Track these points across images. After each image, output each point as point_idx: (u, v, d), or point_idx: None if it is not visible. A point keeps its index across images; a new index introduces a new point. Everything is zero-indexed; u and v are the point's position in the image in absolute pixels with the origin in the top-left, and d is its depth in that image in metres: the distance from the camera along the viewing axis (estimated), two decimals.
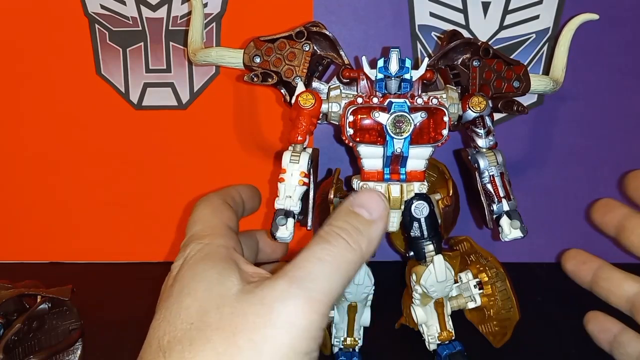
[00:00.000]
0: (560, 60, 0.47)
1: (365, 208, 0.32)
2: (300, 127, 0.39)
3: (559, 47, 0.47)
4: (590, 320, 0.43)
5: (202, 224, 0.35)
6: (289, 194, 0.39)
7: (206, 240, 0.33)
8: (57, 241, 0.58)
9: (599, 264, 0.42)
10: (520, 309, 0.43)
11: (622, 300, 0.40)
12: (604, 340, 0.42)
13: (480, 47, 0.43)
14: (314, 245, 0.30)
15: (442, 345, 0.42)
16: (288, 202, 0.38)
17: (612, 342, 0.41)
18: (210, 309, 0.29)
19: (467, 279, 0.46)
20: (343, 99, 0.40)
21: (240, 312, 0.28)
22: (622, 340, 0.41)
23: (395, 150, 0.38)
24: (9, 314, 0.41)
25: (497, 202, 0.41)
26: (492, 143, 0.42)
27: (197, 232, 0.34)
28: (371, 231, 0.31)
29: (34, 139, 0.56)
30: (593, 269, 0.42)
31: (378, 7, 0.52)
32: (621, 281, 0.40)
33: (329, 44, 0.43)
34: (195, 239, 0.34)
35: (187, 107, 0.55)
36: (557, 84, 0.47)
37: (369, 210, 0.32)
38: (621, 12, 0.53)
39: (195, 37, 0.45)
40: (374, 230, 0.32)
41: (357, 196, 0.33)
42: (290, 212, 0.38)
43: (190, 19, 0.45)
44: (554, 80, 0.46)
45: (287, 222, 0.38)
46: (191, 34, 0.45)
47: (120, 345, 0.46)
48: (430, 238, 0.41)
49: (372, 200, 0.32)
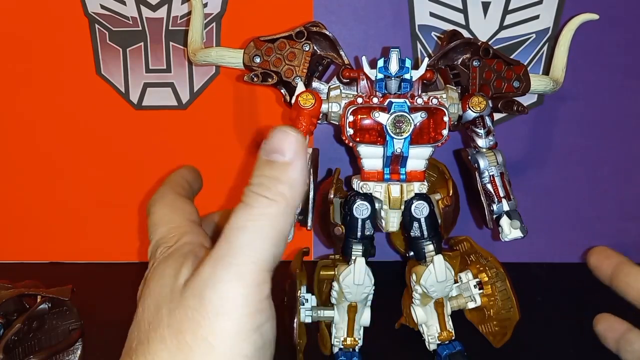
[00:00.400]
0: (560, 60, 0.47)
1: (278, 152, 0.29)
2: (300, 127, 0.39)
3: (559, 47, 0.47)
4: (599, 321, 0.44)
5: (165, 225, 0.33)
6: None
7: (171, 242, 0.32)
8: (57, 241, 0.58)
9: (620, 259, 0.42)
10: (520, 309, 0.43)
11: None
12: (612, 339, 0.42)
13: (480, 47, 0.43)
14: (235, 213, 0.28)
15: (442, 345, 0.42)
16: None
17: (619, 339, 0.41)
18: (162, 305, 0.28)
19: (467, 279, 0.46)
20: (343, 99, 0.40)
21: (182, 307, 0.27)
22: (629, 338, 0.41)
23: (395, 150, 0.38)
24: (9, 314, 0.41)
25: (497, 202, 0.41)
26: (492, 143, 0.42)
27: (163, 236, 0.32)
28: (289, 174, 0.28)
29: (34, 139, 0.56)
30: (614, 264, 0.42)
31: (378, 7, 0.52)
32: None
33: (329, 44, 0.43)
34: (162, 243, 0.32)
35: (187, 107, 0.55)
36: (557, 84, 0.47)
37: (282, 153, 0.29)
38: (621, 12, 0.53)
39: (195, 37, 0.45)
40: (292, 171, 0.28)
41: (268, 142, 0.29)
42: None
43: (190, 19, 0.45)
44: (554, 80, 0.46)
45: None
46: (191, 34, 0.45)
47: (120, 345, 0.45)
48: (430, 238, 0.41)
49: (284, 141, 0.29)
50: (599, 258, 0.43)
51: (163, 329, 0.27)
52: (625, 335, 0.41)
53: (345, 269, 0.41)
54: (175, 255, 0.30)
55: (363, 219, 0.41)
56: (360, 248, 0.41)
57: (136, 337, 0.29)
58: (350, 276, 0.40)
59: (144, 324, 0.28)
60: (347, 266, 0.41)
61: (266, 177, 0.29)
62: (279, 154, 0.29)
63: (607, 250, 0.44)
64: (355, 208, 0.40)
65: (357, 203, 0.40)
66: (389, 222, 0.41)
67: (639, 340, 0.40)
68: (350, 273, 0.40)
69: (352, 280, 0.40)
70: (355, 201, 0.41)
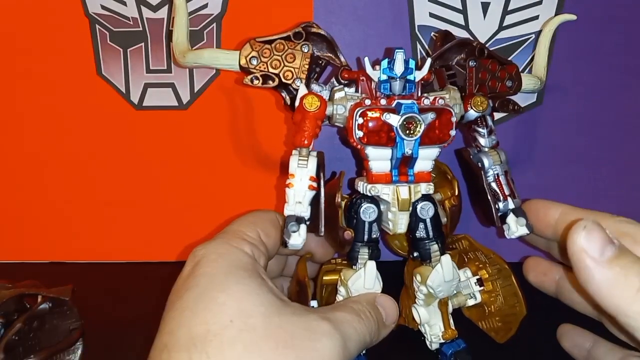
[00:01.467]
0: (542, 58, 0.48)
1: (385, 311, 0.37)
2: (305, 130, 0.38)
3: (540, 46, 0.49)
4: (562, 336, 0.43)
5: (247, 226, 0.36)
6: (298, 199, 0.38)
7: (235, 242, 0.34)
8: (57, 241, 0.58)
9: (560, 273, 0.42)
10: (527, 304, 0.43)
11: (588, 309, 0.40)
12: (579, 356, 0.41)
13: (475, 47, 0.43)
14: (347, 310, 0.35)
15: (446, 344, 0.42)
16: (298, 208, 0.38)
17: (586, 357, 0.41)
18: (253, 314, 0.29)
19: (465, 277, 0.46)
20: (348, 101, 0.39)
21: (289, 329, 0.30)
22: (595, 355, 0.40)
23: (405, 152, 0.38)
24: (10, 314, 0.41)
25: (502, 200, 0.41)
26: (494, 142, 0.42)
27: (233, 231, 0.36)
28: (382, 332, 0.37)
29: (34, 139, 0.56)
30: (555, 280, 0.42)
31: (378, 7, 0.53)
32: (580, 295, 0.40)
33: (326, 45, 0.42)
34: (227, 236, 0.35)
35: (188, 108, 0.55)
36: (541, 82, 0.48)
37: (386, 314, 0.37)
38: (621, 12, 0.53)
39: (180, 37, 0.43)
40: (384, 332, 0.37)
41: (381, 298, 0.38)
42: (302, 219, 0.37)
43: (174, 18, 0.43)
44: (538, 78, 0.48)
45: (300, 229, 0.37)
46: (175, 35, 0.42)
47: (121, 344, 0.46)
48: (435, 238, 0.41)
49: (393, 309, 0.38)
50: (537, 275, 0.43)
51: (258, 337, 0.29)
52: (592, 352, 0.40)
53: (353, 274, 0.40)
54: (247, 266, 0.34)
55: (370, 222, 0.40)
56: (367, 251, 0.40)
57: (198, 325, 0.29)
58: (360, 280, 0.39)
59: (215, 316, 0.30)
60: (353, 271, 0.40)
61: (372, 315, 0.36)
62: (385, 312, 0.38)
63: (542, 263, 0.44)
64: (363, 211, 0.40)
65: (364, 206, 0.40)
66: (397, 224, 0.41)
67: (607, 356, 0.39)
68: (361, 277, 0.39)
69: (363, 285, 0.39)
70: (362, 204, 0.40)
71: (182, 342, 0.28)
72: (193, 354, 0.27)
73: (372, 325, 0.35)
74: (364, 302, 0.36)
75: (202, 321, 0.29)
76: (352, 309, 0.35)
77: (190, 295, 0.30)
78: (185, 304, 0.30)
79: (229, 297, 0.30)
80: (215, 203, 0.57)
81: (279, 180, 0.55)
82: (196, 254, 0.33)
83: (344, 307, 0.35)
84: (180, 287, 0.32)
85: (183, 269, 0.33)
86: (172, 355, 0.28)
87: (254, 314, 0.29)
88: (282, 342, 0.29)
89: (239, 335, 0.28)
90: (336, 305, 0.37)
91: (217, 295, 0.30)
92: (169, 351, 0.28)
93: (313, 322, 0.31)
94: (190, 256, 0.34)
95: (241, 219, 0.38)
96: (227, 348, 0.27)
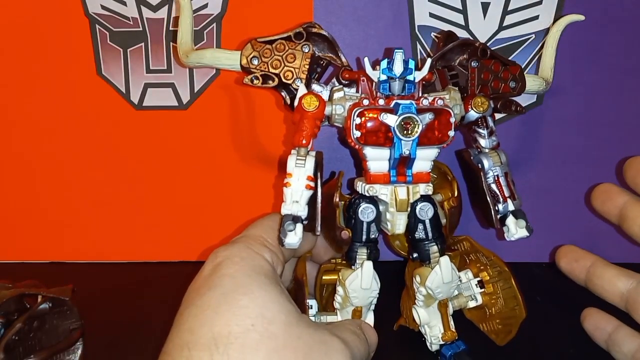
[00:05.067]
0: (549, 60, 0.48)
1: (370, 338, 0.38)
2: (304, 130, 0.38)
3: (547, 47, 0.48)
4: (586, 318, 0.43)
5: (267, 232, 0.37)
6: (295, 198, 0.38)
7: (256, 248, 0.35)
8: (57, 241, 0.58)
9: (592, 260, 0.42)
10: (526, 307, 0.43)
11: (616, 297, 0.40)
12: (600, 339, 0.42)
13: (477, 47, 0.43)
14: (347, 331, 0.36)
15: (446, 345, 0.42)
16: (295, 207, 0.38)
17: (607, 340, 0.41)
18: (275, 321, 0.30)
19: (467, 278, 0.46)
20: (347, 101, 0.39)
21: (307, 341, 0.30)
22: (616, 339, 0.40)
23: (403, 152, 0.38)
24: (10, 314, 0.41)
25: (502, 202, 0.41)
26: (495, 143, 0.42)
27: (254, 236, 0.36)
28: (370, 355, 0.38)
29: (34, 139, 0.56)
30: (586, 267, 0.42)
31: (378, 7, 0.53)
32: (614, 278, 0.40)
33: (327, 45, 0.42)
34: (249, 241, 0.35)
35: (188, 108, 0.55)
36: (548, 84, 0.47)
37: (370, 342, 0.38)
38: (621, 12, 0.53)
39: (184, 38, 0.43)
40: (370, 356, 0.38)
41: (364, 325, 0.40)
42: (298, 218, 0.37)
43: (179, 19, 0.43)
44: (544, 79, 0.47)
45: (296, 228, 0.37)
46: (180, 35, 0.43)
47: (121, 344, 0.46)
48: (434, 239, 0.41)
49: (374, 337, 0.40)
50: (569, 261, 0.43)
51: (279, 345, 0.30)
52: (613, 336, 0.40)
53: (351, 274, 0.40)
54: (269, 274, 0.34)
55: (368, 222, 0.40)
56: (365, 252, 0.40)
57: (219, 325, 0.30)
58: (357, 280, 0.40)
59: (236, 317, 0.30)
60: (352, 270, 0.40)
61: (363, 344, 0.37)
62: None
63: (576, 250, 0.43)
64: (361, 211, 0.40)
65: (363, 206, 0.40)
66: (396, 224, 0.41)
67: (627, 340, 0.39)
68: (358, 277, 0.40)
69: (360, 285, 0.40)
70: (360, 204, 0.40)
71: (203, 341, 0.28)
72: (214, 355, 0.27)
73: (367, 348, 0.37)
74: (356, 326, 0.38)
75: (224, 322, 0.29)
76: (352, 330, 0.36)
77: (212, 294, 0.30)
78: (207, 302, 0.30)
79: (251, 301, 0.30)
80: (215, 203, 0.57)
81: (277, 180, 0.55)
82: (218, 254, 0.33)
83: (344, 328, 0.36)
84: (202, 285, 0.32)
85: (203, 268, 0.33)
86: (193, 354, 0.28)
87: (275, 321, 0.29)
88: (301, 353, 0.29)
89: (260, 340, 0.28)
90: (337, 324, 0.38)
91: (240, 297, 0.30)
92: (190, 350, 0.28)
93: (326, 337, 0.32)
94: (210, 256, 0.34)
95: (261, 222, 0.38)
96: (248, 352, 0.28)
